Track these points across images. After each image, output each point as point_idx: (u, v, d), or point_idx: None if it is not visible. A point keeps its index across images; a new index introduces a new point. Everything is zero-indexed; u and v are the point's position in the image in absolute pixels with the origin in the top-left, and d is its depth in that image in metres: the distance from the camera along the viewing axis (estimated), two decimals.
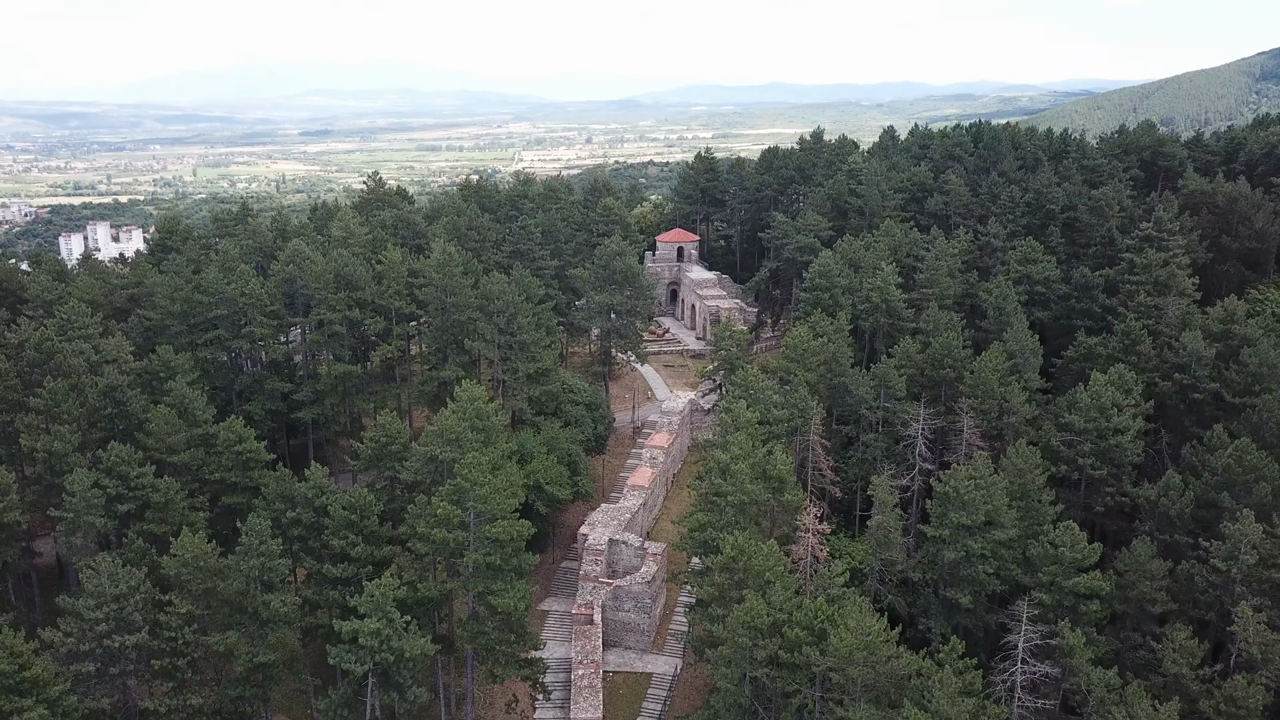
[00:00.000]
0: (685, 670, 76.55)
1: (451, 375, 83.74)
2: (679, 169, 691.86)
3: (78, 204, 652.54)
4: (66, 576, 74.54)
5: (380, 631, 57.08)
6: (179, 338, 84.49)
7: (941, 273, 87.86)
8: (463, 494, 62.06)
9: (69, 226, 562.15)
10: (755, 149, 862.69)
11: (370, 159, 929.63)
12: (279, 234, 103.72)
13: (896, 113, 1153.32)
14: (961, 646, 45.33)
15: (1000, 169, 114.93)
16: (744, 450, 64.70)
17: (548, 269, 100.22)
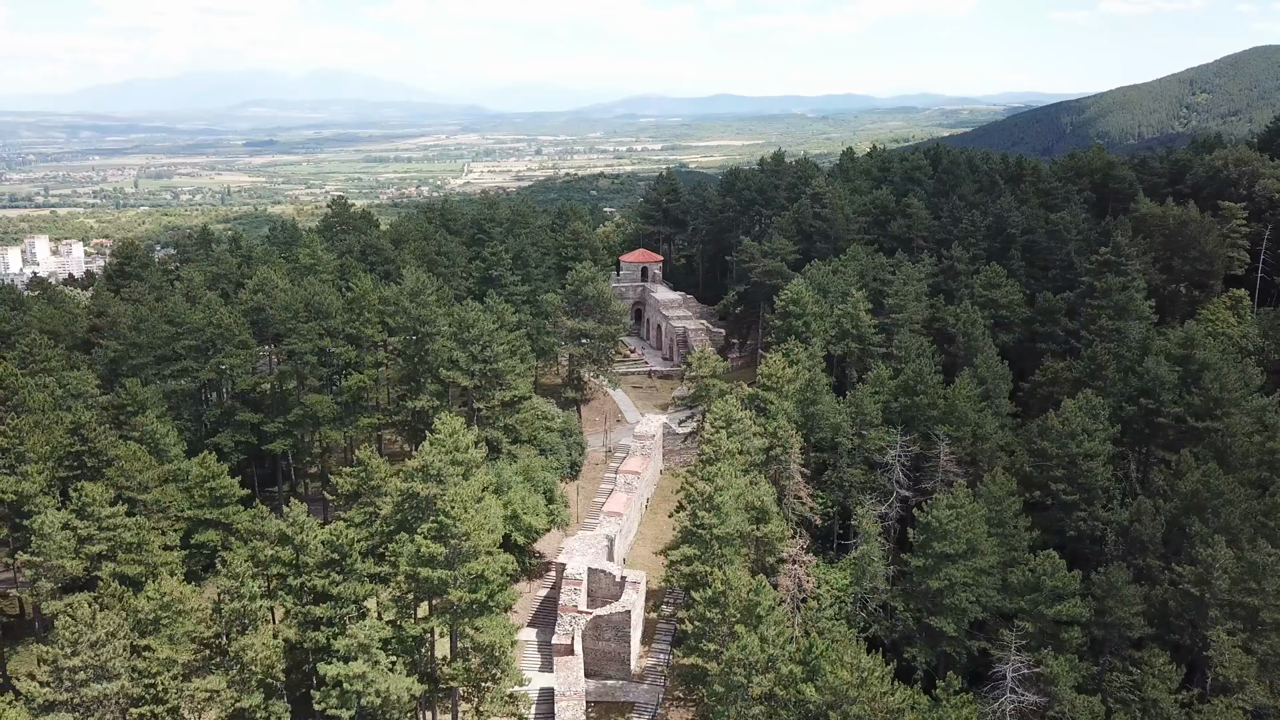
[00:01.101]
0: (666, 701, 76.63)
1: (426, 405, 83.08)
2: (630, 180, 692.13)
3: (14, 216, 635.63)
4: (34, 621, 72.45)
5: (365, 674, 56.39)
6: (145, 369, 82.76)
7: (909, 298, 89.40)
8: (446, 531, 61.60)
9: (5, 240, 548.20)
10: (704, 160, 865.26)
11: (317, 171, 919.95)
12: (244, 259, 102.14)
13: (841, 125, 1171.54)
14: (958, 681, 46.19)
15: (960, 192, 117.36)
16: (726, 481, 65.19)
17: (519, 294, 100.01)
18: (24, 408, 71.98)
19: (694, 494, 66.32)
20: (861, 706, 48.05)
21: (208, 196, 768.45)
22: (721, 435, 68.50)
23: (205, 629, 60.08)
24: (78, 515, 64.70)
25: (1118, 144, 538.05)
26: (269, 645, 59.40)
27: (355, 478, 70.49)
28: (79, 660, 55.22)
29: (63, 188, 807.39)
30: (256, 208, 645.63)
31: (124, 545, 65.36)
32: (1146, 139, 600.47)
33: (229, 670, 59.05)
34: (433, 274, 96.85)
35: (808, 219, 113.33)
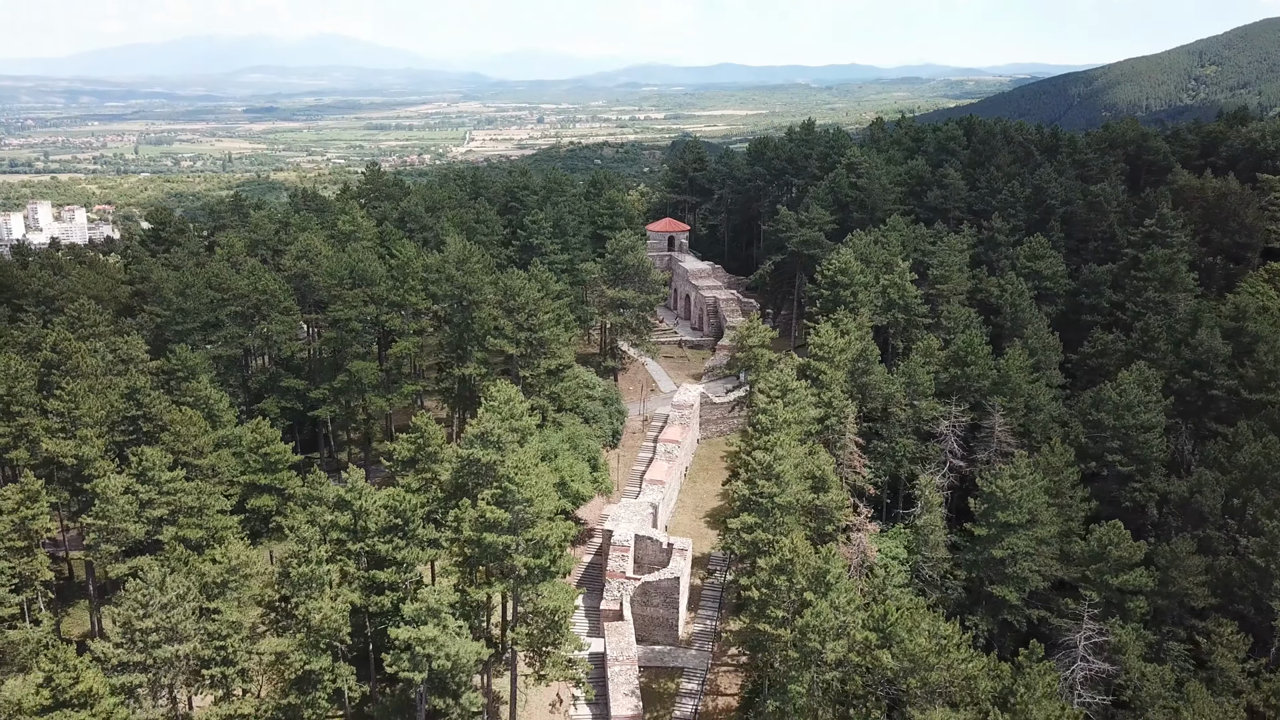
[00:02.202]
0: (715, 666, 77.29)
1: (473, 372, 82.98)
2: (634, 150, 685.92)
3: (15, 182, 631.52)
4: (88, 583, 72.74)
5: (436, 638, 56.73)
6: (191, 335, 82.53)
7: (954, 269, 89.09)
8: (509, 496, 61.73)
9: (7, 205, 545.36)
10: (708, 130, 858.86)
11: (318, 138, 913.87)
12: (281, 226, 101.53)
13: (845, 95, 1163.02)
14: (1041, 649, 46.52)
15: (995, 163, 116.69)
16: (786, 450, 65.29)
17: (559, 263, 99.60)
18: (77, 372, 71.87)
19: (752, 463, 66.37)
20: (939, 674, 48.39)
21: (208, 163, 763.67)
22: (778, 405, 68.48)
23: (273, 592, 60.45)
24: (138, 479, 64.78)
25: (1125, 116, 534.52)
26: (337, 609, 59.71)
27: (412, 444, 70.51)
28: (151, 622, 55.57)
29: (62, 153, 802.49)
30: (259, 175, 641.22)
31: (184, 509, 65.48)
32: (1155, 111, 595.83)
33: (296, 633, 59.43)
34: (471, 242, 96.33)
35: (843, 189, 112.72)
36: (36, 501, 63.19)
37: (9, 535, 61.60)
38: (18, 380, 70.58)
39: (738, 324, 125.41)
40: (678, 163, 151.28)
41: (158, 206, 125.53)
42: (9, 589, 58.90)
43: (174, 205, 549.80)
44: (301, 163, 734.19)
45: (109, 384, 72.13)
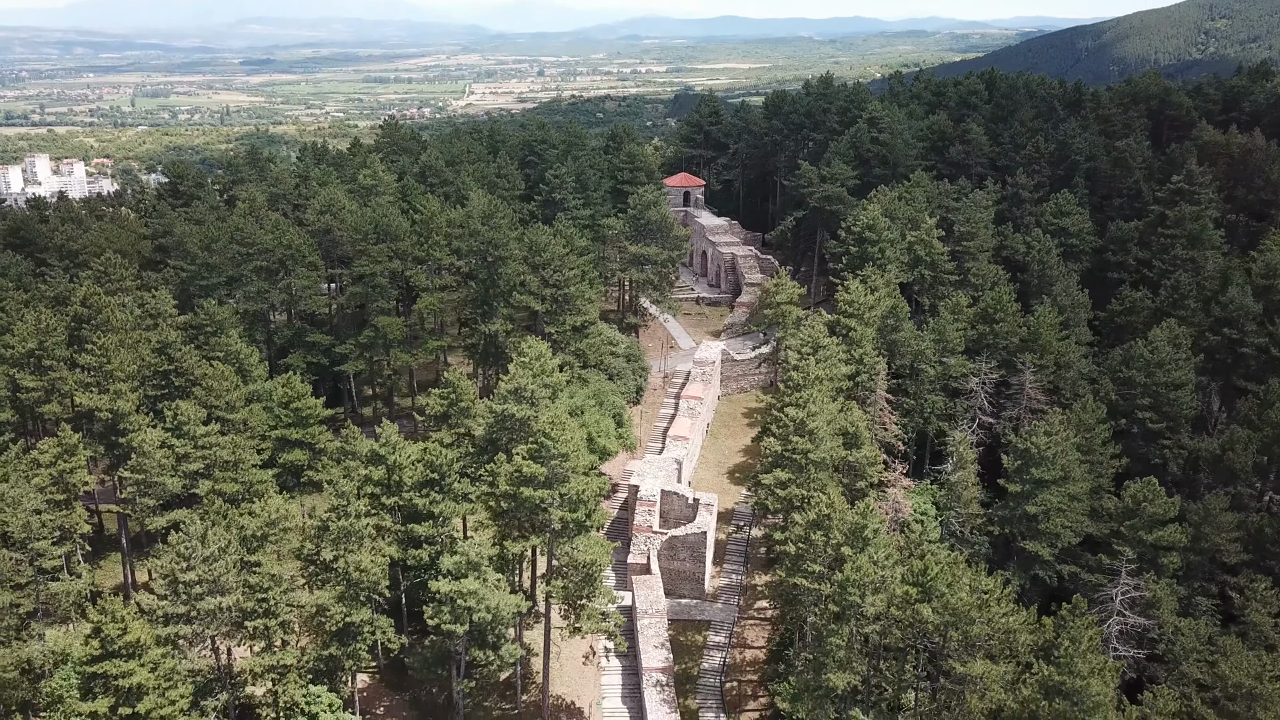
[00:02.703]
0: (741, 619, 78.25)
1: (500, 329, 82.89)
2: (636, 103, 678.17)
3: (12, 135, 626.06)
4: (120, 536, 73.27)
5: (477, 591, 57.38)
6: (215, 290, 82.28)
7: (980, 225, 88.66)
8: (545, 451, 62.00)
9: (5, 159, 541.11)
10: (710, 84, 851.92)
11: (316, 91, 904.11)
12: (301, 180, 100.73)
13: (849, 49, 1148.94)
14: (1084, 604, 47.03)
15: (1018, 118, 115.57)
16: (819, 407, 65.49)
17: (581, 218, 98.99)
18: (108, 326, 71.77)
19: (784, 420, 66.57)
20: (981, 627, 48.94)
21: (206, 116, 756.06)
22: (809, 361, 68.52)
23: (312, 545, 60.94)
24: (174, 434, 64.99)
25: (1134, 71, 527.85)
26: (376, 563, 60.30)
27: (445, 399, 70.68)
28: (194, 575, 56.07)
29: (58, 105, 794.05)
30: (258, 128, 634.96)
31: (219, 464, 65.77)
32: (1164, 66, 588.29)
33: (336, 586, 60.05)
34: (493, 197, 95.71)
35: (865, 144, 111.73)
36: (74, 455, 63.50)
37: (48, 488, 61.95)
38: (48, 334, 70.58)
39: (757, 281, 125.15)
40: (693, 116, 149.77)
41: (174, 161, 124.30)
42: (51, 542, 59.26)
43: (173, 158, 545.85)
44: (300, 116, 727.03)
45: (139, 338, 72.04)
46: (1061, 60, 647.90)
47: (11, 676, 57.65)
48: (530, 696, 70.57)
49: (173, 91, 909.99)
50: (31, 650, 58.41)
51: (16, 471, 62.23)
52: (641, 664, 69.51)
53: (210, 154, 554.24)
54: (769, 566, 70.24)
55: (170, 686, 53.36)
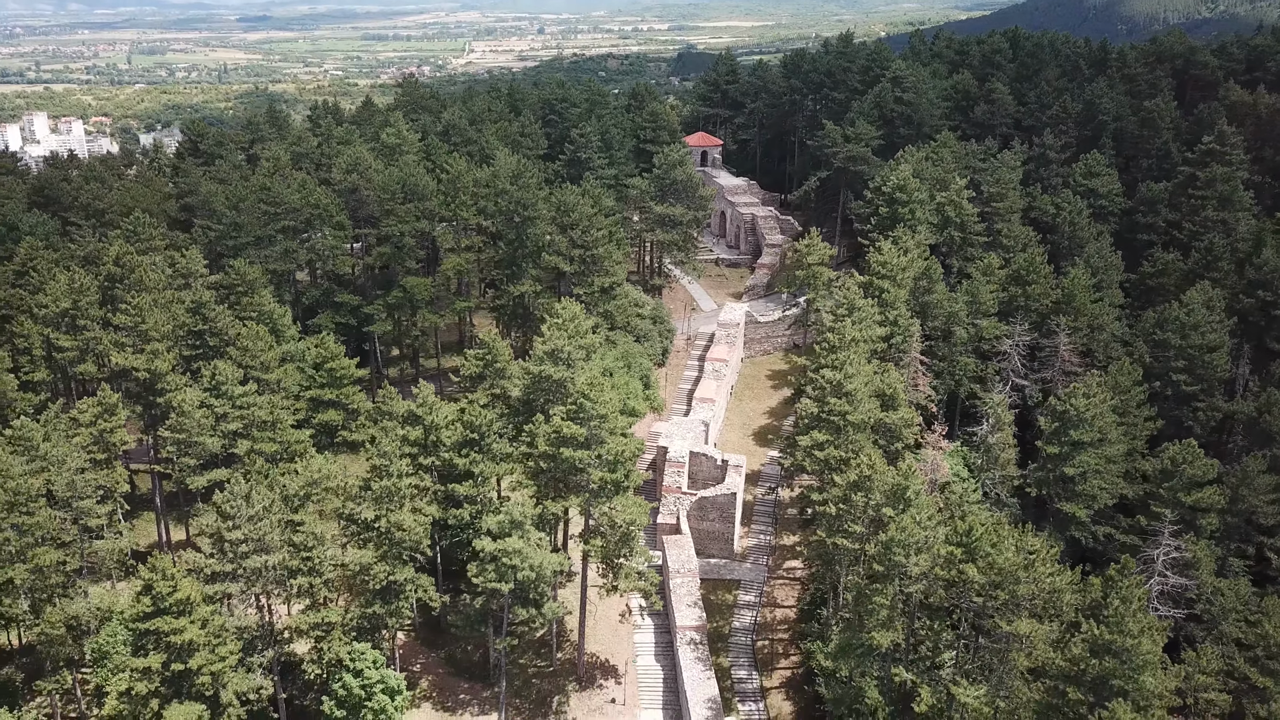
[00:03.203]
0: (771, 579, 78.99)
1: (528, 289, 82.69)
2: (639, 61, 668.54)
3: (9, 93, 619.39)
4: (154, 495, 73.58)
5: (521, 550, 57.85)
6: (243, 249, 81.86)
7: (1010, 186, 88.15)
8: (584, 412, 62.20)
9: (2, 116, 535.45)
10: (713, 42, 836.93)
11: (314, 48, 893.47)
12: (324, 138, 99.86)
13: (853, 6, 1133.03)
14: (1133, 564, 47.44)
15: (1044, 77, 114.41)
16: (856, 368, 65.60)
17: (606, 178, 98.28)
18: (141, 286, 71.57)
19: (821, 381, 66.67)
20: (1027, 587, 49.42)
21: (204, 74, 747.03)
22: (846, 323, 68.49)
23: (355, 505, 61.25)
24: (212, 394, 65.07)
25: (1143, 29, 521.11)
26: (419, 521, 60.69)
27: (480, 360, 70.69)
28: (240, 533, 56.45)
29: (54, 63, 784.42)
30: (257, 86, 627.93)
31: (257, 423, 65.90)
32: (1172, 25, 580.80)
33: (379, 545, 60.48)
34: (517, 156, 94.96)
35: (889, 103, 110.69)
36: (114, 414, 63.62)
37: (90, 447, 62.12)
38: (82, 294, 70.41)
39: (777, 242, 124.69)
40: (710, 75, 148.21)
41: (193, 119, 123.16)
42: (95, 500, 59.55)
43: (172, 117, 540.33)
44: (298, 74, 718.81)
45: (171, 298, 71.87)
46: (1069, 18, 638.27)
47: (59, 633, 58.20)
48: (564, 654, 71.40)
49: (169, 49, 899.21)
50: (78, 607, 58.92)
51: (57, 431, 62.38)
52: (676, 622, 70.25)
53: (209, 112, 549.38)
54: (804, 527, 70.65)
55: (220, 643, 53.95)
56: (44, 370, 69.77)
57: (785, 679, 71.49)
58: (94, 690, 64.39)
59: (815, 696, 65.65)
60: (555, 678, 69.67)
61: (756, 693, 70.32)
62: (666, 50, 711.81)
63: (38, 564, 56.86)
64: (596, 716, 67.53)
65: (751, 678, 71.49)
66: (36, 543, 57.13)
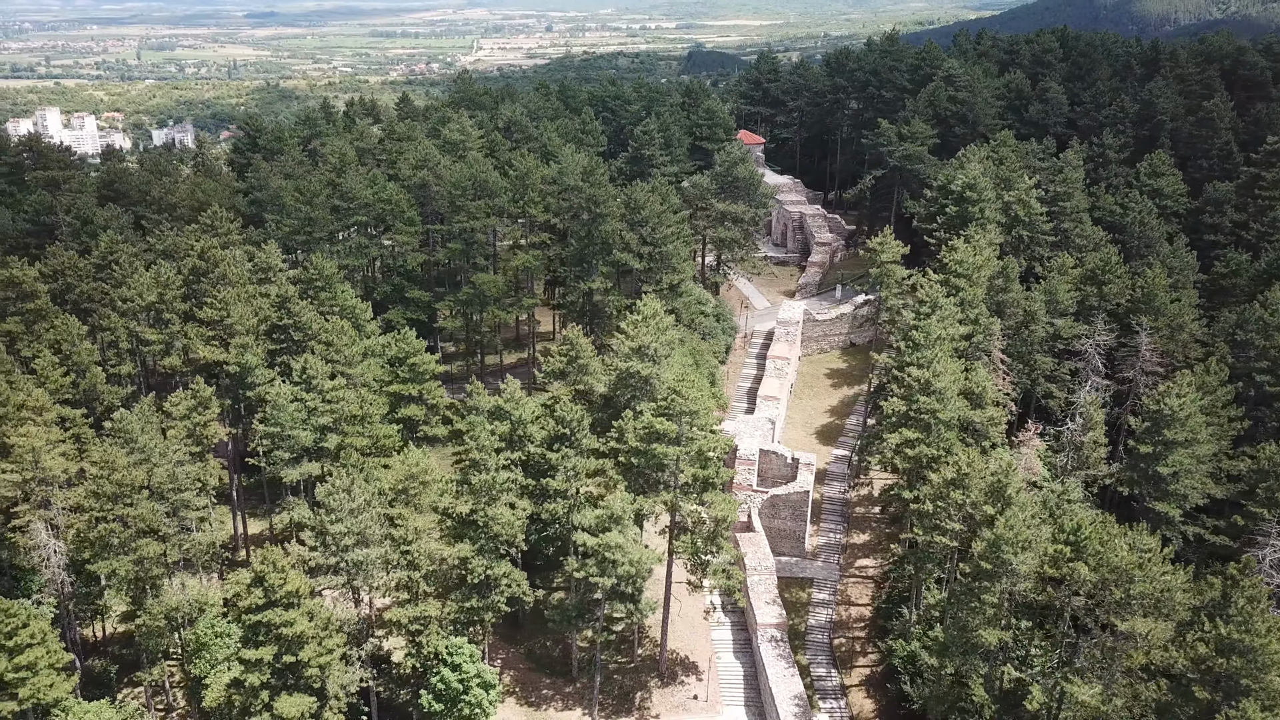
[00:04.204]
0: (843, 577, 79.20)
1: (599, 286, 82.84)
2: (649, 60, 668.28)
3: (20, 88, 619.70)
4: (231, 490, 73.79)
5: (622, 545, 58.05)
6: (317, 244, 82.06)
7: (1076, 186, 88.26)
8: (674, 408, 62.34)
9: (15, 112, 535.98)
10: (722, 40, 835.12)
11: (322, 45, 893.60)
12: (386, 134, 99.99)
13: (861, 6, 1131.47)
14: (1254, 561, 47.54)
15: (1095, 76, 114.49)
16: (943, 366, 65.74)
17: (669, 175, 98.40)
18: (224, 280, 71.75)
19: (908, 379, 66.76)
20: (1142, 585, 49.51)
21: (213, 70, 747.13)
22: (931, 321, 68.60)
23: (453, 499, 61.45)
24: (304, 387, 65.21)
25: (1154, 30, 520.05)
26: (517, 515, 60.89)
27: (564, 356, 70.85)
28: (343, 526, 56.66)
29: (63, 58, 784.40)
30: (268, 82, 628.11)
31: (347, 417, 66.07)
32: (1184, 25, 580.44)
33: (476, 540, 60.68)
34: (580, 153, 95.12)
35: (942, 102, 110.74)
36: (208, 408, 63.81)
37: (185, 440, 62.32)
38: (167, 288, 70.60)
39: (827, 240, 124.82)
40: (751, 73, 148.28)
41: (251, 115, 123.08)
42: (195, 493, 59.77)
43: (184, 113, 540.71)
44: (308, 70, 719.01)
45: (253, 292, 72.06)
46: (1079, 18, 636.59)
47: (160, 625, 58.47)
48: (644, 650, 71.60)
49: (178, 45, 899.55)
50: (178, 599, 59.16)
51: (150, 424, 62.57)
52: (756, 619, 70.46)
53: (222, 108, 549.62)
54: (892, 524, 70.67)
55: (327, 635, 54.21)
56: (130, 364, 69.93)
57: (864, 677, 71.68)
58: (182, 681, 64.73)
59: (899, 695, 65.79)
60: (637, 674, 69.89)
61: (837, 690, 70.51)
62: (675, 49, 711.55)
63: (140, 556, 57.14)
64: (680, 713, 67.75)
65: (830, 675, 71.68)
66: (139, 535, 57.36)
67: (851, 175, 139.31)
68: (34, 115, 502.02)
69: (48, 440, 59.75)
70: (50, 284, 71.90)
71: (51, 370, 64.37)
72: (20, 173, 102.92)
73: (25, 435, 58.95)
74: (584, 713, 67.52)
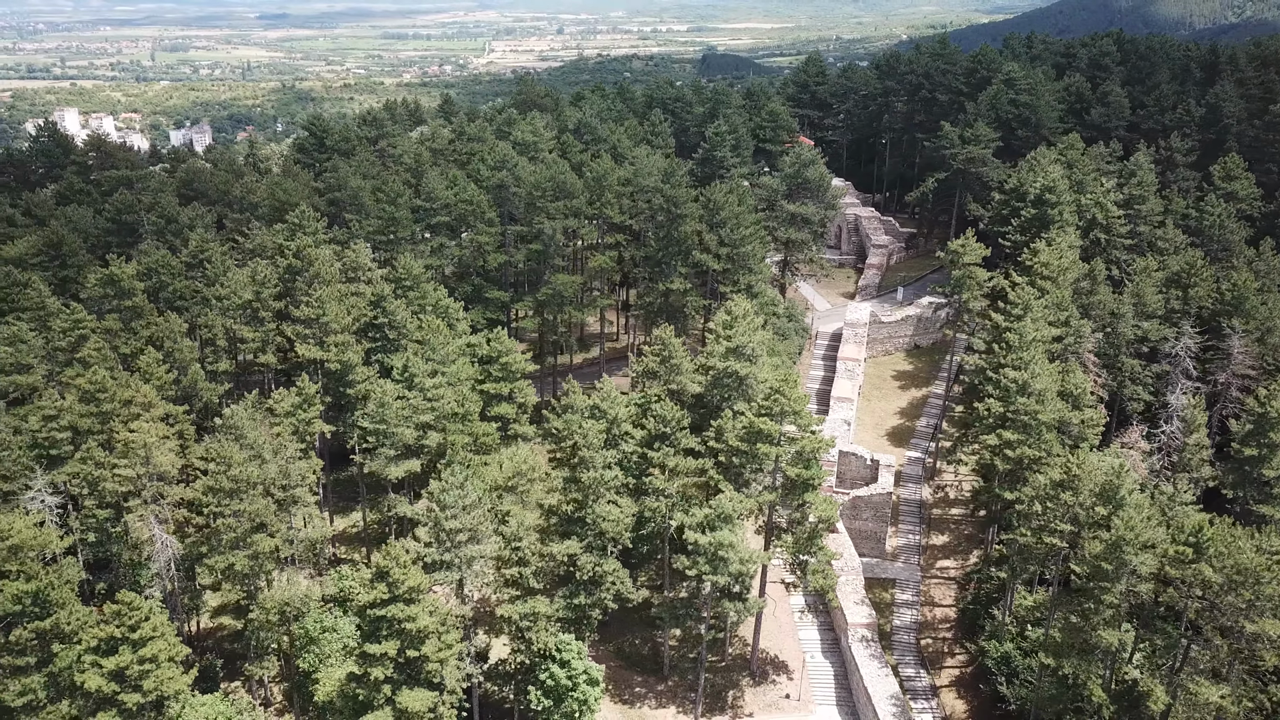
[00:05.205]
0: (925, 578, 79.38)
1: (678, 287, 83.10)
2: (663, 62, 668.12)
3: (38, 88, 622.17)
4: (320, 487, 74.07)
5: (734, 544, 58.29)
6: (397, 245, 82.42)
7: (1151, 189, 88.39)
8: (778, 407, 62.58)
9: (34, 112, 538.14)
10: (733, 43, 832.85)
11: (335, 46, 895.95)
12: (457, 134, 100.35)
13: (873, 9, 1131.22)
14: None
15: (1155, 80, 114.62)
16: (1040, 369, 65.94)
17: (743, 175, 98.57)
18: (319, 279, 72.12)
19: (1004, 381, 66.96)
20: (1272, 587, 49.62)
21: (227, 71, 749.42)
22: (1026, 323, 68.78)
23: (560, 497, 61.70)
24: (405, 385, 65.55)
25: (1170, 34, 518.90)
26: (626, 513, 61.11)
27: (657, 356, 71.05)
28: (457, 523, 56.91)
29: (78, 59, 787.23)
30: (284, 83, 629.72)
31: (447, 415, 66.37)
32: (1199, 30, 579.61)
33: (583, 537, 60.93)
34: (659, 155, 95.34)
35: (1003, 105, 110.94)
36: (312, 405, 64.15)
37: (290, 437, 62.66)
38: (264, 286, 70.98)
39: (883, 243, 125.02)
40: (799, 75, 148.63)
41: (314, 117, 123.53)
42: (307, 489, 60.12)
43: (201, 113, 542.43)
44: (321, 72, 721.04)
45: (346, 291, 72.44)
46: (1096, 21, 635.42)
47: (273, 620, 58.76)
48: (734, 650, 71.81)
49: (191, 46, 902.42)
50: (290, 593, 59.43)
51: (253, 420, 62.89)
52: (846, 619, 70.66)
53: (238, 109, 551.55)
54: (990, 524, 70.78)
55: (446, 631, 54.48)
56: (227, 361, 70.32)
57: (954, 678, 71.80)
58: (276, 677, 64.96)
59: (993, 696, 65.95)
60: (728, 672, 70.14)
61: (928, 691, 70.64)
62: (688, 51, 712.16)
63: (256, 551, 57.46)
64: (773, 712, 67.98)
65: (920, 676, 71.84)
66: (253, 530, 57.69)
67: (900, 178, 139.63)
68: (53, 115, 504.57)
69: (158, 436, 60.13)
70: (145, 282, 72.29)
71: (155, 367, 64.74)
72: (87, 172, 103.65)
73: (138, 430, 59.37)
74: (678, 710, 67.77)
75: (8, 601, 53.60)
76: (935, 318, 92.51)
